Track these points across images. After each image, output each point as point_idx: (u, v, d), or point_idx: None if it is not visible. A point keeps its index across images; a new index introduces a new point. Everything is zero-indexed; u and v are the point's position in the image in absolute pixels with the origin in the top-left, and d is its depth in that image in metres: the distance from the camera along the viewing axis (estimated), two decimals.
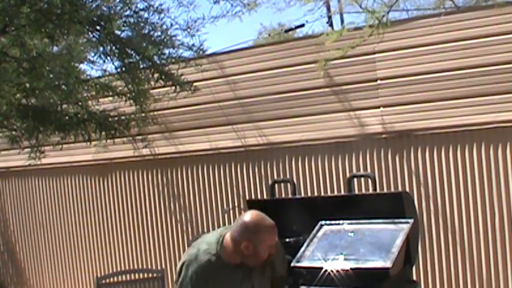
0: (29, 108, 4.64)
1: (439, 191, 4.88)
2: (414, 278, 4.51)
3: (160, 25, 4.51)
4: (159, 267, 6.06)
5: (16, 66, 4.43)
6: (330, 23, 12.13)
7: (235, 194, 5.76)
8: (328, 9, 11.58)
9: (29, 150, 5.47)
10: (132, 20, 4.42)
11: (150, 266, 6.28)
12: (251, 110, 5.65)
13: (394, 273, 3.34)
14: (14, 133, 5.01)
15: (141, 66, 4.62)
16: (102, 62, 4.58)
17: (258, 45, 8.66)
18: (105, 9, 4.27)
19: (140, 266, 6.37)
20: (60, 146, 5.25)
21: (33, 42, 4.54)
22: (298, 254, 3.52)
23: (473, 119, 4.70)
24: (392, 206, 3.71)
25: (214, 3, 4.69)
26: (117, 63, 4.56)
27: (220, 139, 5.82)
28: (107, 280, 5.19)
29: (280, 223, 2.98)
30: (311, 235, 3.75)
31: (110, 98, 5.28)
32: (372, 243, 3.57)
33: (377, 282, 3.28)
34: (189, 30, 4.65)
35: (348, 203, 3.98)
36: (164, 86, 5.07)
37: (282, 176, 5.47)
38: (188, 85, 4.87)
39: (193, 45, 4.73)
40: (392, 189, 5.01)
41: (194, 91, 4.97)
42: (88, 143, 5.05)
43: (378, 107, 5.08)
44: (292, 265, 3.40)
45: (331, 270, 3.36)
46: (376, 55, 5.06)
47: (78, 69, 5.26)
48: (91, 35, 4.51)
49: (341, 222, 3.82)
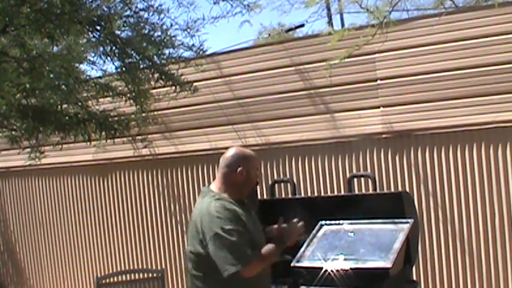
0: (29, 108, 4.64)
1: (439, 191, 4.88)
2: (414, 278, 4.52)
3: (160, 25, 4.51)
4: (159, 267, 6.06)
5: (16, 66, 4.42)
6: (330, 23, 12.14)
7: None
8: (328, 9, 11.59)
9: (29, 150, 5.47)
10: (132, 20, 4.42)
11: (150, 266, 6.28)
12: (251, 110, 5.65)
13: (394, 273, 3.35)
14: (14, 133, 5.01)
15: (141, 67, 4.61)
16: (102, 62, 4.59)
17: (258, 45, 8.63)
18: (105, 9, 4.27)
19: (140, 266, 6.37)
20: (60, 146, 5.25)
21: (33, 42, 4.54)
22: (298, 254, 3.52)
23: (473, 119, 4.70)
24: (392, 206, 3.72)
25: (214, 4, 4.69)
26: (117, 64, 4.56)
27: (220, 139, 5.82)
28: (107, 280, 5.19)
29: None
30: (311, 235, 3.76)
31: (110, 98, 5.28)
32: (372, 243, 3.57)
33: (377, 282, 3.28)
34: (189, 30, 4.66)
35: (348, 203, 3.99)
36: (164, 86, 5.07)
37: (282, 176, 5.47)
38: (188, 85, 4.87)
39: (193, 45, 4.73)
40: (392, 189, 5.01)
41: (194, 91, 4.96)
42: (88, 143, 5.04)
43: (378, 107, 5.08)
44: (292, 265, 3.40)
45: (331, 270, 3.36)
46: (376, 55, 5.06)
47: (78, 70, 5.27)
48: (91, 35, 4.51)
49: (341, 222, 3.82)
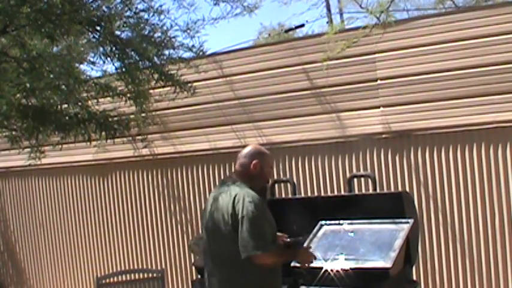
0: (29, 108, 4.63)
1: (439, 191, 4.88)
2: (414, 278, 4.52)
3: (160, 26, 4.50)
4: (159, 267, 6.06)
5: (16, 66, 4.42)
6: (330, 22, 12.16)
7: None
8: (328, 9, 11.60)
9: (29, 150, 5.47)
10: (132, 21, 4.41)
11: (150, 266, 6.28)
12: (251, 110, 5.65)
13: (394, 273, 3.35)
14: (14, 133, 5.00)
15: (141, 67, 4.61)
16: (102, 62, 4.57)
17: (258, 45, 8.66)
18: (105, 9, 4.26)
19: (140, 266, 6.37)
20: (60, 146, 5.25)
21: (33, 42, 4.53)
22: None
23: (473, 119, 4.70)
24: (392, 206, 3.72)
25: (215, 5, 4.68)
26: (117, 64, 4.55)
27: (220, 139, 5.82)
28: (107, 280, 5.19)
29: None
30: (311, 235, 3.76)
31: (110, 98, 5.28)
32: (372, 243, 3.57)
33: (377, 282, 3.28)
34: (189, 31, 4.65)
35: (348, 203, 3.99)
36: (164, 87, 5.07)
37: (282, 176, 5.47)
38: (188, 86, 4.87)
39: (193, 46, 4.72)
40: (392, 189, 5.01)
41: (193, 93, 4.96)
42: (88, 143, 5.04)
43: (378, 107, 5.08)
44: (292, 265, 3.40)
45: (331, 270, 3.36)
46: (376, 55, 5.06)
47: (78, 70, 5.26)
48: (91, 36, 4.50)
49: (341, 222, 3.82)
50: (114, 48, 4.39)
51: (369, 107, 5.11)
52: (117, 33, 4.40)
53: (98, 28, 4.30)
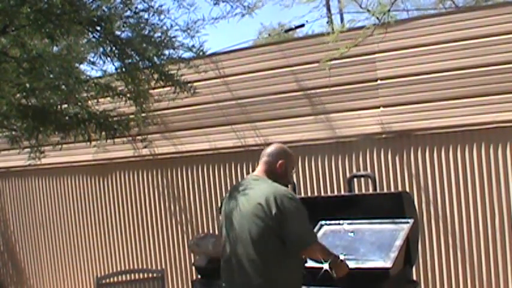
0: (29, 108, 4.63)
1: (439, 191, 4.89)
2: (414, 278, 4.52)
3: (160, 26, 4.50)
4: (159, 267, 6.06)
5: (16, 66, 4.41)
6: (330, 22, 12.16)
7: None
8: (328, 9, 11.60)
9: (29, 150, 5.46)
10: (132, 21, 4.41)
11: (150, 266, 6.29)
12: (251, 110, 5.65)
13: (394, 273, 3.35)
14: (14, 133, 5.00)
15: (141, 67, 4.61)
16: (102, 62, 4.57)
17: (258, 45, 8.65)
18: (105, 9, 4.26)
19: (140, 266, 6.37)
20: (60, 146, 5.25)
21: (33, 42, 4.53)
22: None
23: (473, 119, 4.70)
24: (392, 206, 3.72)
25: (215, 5, 4.68)
26: (117, 64, 4.55)
27: (220, 139, 5.82)
28: (107, 280, 5.19)
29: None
30: None
31: (110, 98, 5.28)
32: (372, 243, 3.57)
33: (377, 282, 3.28)
34: (189, 31, 4.65)
35: (348, 203, 3.99)
36: (164, 87, 5.08)
37: None
38: (188, 87, 4.87)
39: (193, 46, 4.72)
40: (392, 189, 5.01)
41: (193, 93, 4.96)
42: (88, 143, 5.04)
43: (378, 107, 5.08)
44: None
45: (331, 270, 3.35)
46: (376, 55, 5.06)
47: (78, 70, 5.26)
48: (91, 36, 4.50)
49: (341, 222, 3.82)
50: (114, 48, 4.39)
51: (368, 107, 5.11)
52: (117, 33, 4.40)
53: (98, 28, 4.29)
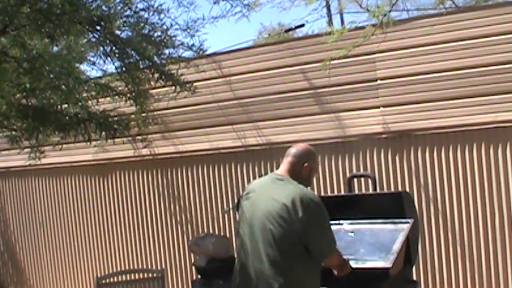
0: (29, 108, 4.63)
1: (439, 191, 4.88)
2: (414, 278, 4.52)
3: (160, 25, 4.51)
4: (159, 267, 6.06)
5: (16, 66, 4.42)
6: (330, 22, 12.15)
7: (235, 194, 5.75)
8: (328, 9, 11.60)
9: (29, 150, 5.47)
10: (132, 20, 4.41)
11: (150, 266, 6.28)
12: (251, 110, 5.65)
13: (394, 273, 3.35)
14: (14, 133, 5.00)
15: (141, 67, 4.61)
16: (102, 62, 4.58)
17: (258, 45, 8.64)
18: (105, 9, 4.26)
19: (140, 266, 6.37)
20: (60, 146, 5.25)
21: (33, 42, 4.53)
22: None
23: (473, 119, 4.70)
24: (392, 206, 3.72)
25: (214, 4, 4.69)
26: (117, 64, 4.55)
27: (220, 139, 5.82)
28: (107, 280, 5.19)
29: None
30: None
31: (110, 98, 5.28)
32: (372, 243, 3.57)
33: (377, 282, 3.28)
34: (189, 30, 4.66)
35: (348, 203, 3.99)
36: (164, 86, 5.08)
37: None
38: (188, 86, 4.87)
39: (193, 45, 4.73)
40: (392, 189, 5.01)
41: (194, 92, 4.96)
42: (88, 143, 5.05)
43: (378, 107, 5.08)
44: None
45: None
46: (376, 55, 5.06)
47: (78, 70, 5.27)
48: (91, 35, 4.50)
49: (341, 222, 3.82)
50: (114, 47, 4.39)
51: (368, 107, 5.11)
52: (117, 32, 4.41)
53: (98, 28, 4.30)
